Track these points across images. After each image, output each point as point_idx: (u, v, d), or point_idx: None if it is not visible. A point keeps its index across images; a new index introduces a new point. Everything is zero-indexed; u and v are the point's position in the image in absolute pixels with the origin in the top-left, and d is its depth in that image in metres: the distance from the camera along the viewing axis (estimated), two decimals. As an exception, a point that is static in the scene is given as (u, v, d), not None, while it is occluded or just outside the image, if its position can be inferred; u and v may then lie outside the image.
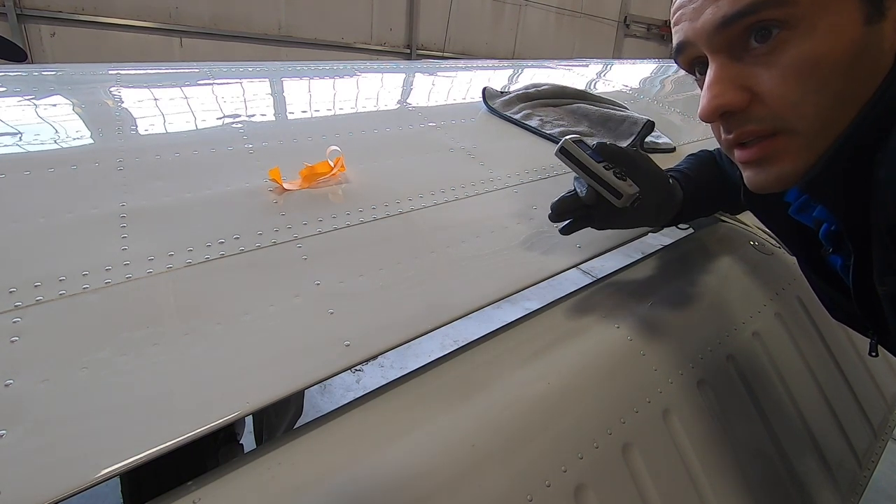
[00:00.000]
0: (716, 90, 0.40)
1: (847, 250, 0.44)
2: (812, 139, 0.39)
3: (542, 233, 0.70)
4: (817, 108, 0.37)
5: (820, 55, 0.36)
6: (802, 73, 0.36)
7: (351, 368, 0.46)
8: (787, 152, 0.40)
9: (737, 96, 0.39)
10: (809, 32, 0.36)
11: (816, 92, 0.37)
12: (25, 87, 0.94)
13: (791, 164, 0.40)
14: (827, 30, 0.35)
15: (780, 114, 0.38)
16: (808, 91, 0.37)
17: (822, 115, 0.37)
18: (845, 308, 0.50)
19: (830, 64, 0.36)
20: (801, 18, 0.36)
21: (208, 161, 0.73)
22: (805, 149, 0.39)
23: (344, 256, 0.59)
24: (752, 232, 0.87)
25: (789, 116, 0.38)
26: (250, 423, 1.22)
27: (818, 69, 0.36)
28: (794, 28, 0.36)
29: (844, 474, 0.71)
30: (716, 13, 0.38)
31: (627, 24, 7.72)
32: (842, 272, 0.48)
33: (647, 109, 1.26)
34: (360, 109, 1.03)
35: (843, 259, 0.48)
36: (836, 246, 0.47)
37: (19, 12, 3.64)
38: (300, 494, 0.40)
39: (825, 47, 0.35)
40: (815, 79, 0.36)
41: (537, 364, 0.56)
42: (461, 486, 0.44)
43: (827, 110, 0.37)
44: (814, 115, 0.37)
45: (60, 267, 0.50)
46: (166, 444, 0.37)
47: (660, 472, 0.54)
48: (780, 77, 0.37)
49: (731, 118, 0.41)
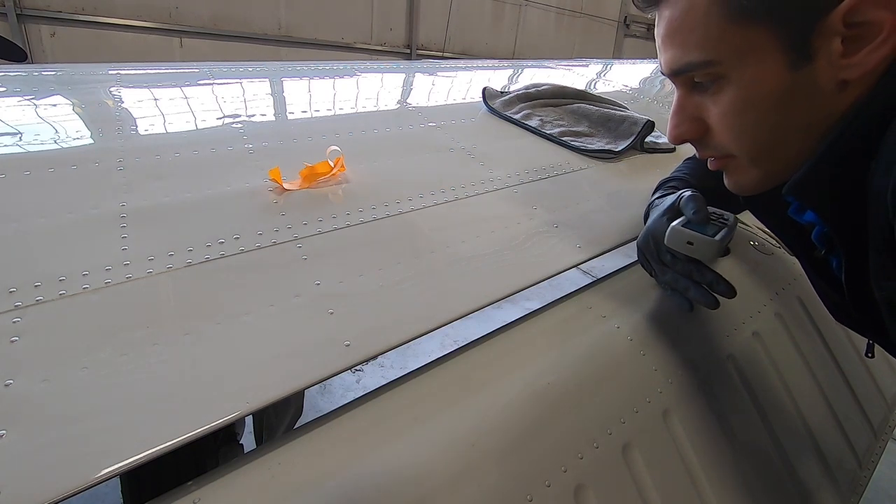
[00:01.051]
0: (675, 121, 0.47)
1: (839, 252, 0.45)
2: (754, 162, 0.45)
3: (542, 233, 0.70)
4: (753, 141, 0.44)
5: (749, 100, 0.42)
6: (737, 113, 0.43)
7: (351, 368, 0.46)
8: (736, 169, 0.48)
9: (692, 128, 0.47)
10: (737, 82, 0.41)
11: (752, 127, 0.43)
12: (25, 87, 0.94)
13: (742, 177, 0.48)
14: (752, 80, 0.41)
15: (723, 144, 0.46)
16: (745, 127, 0.43)
17: (758, 145, 0.44)
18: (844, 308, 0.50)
19: (760, 105, 0.41)
20: (728, 73, 0.41)
21: (208, 161, 0.73)
22: (750, 167, 0.46)
23: (344, 256, 0.59)
24: (752, 232, 0.87)
25: (731, 147, 0.46)
26: (250, 423, 1.22)
27: (749, 110, 0.42)
28: (724, 79, 0.42)
29: (844, 474, 0.71)
30: (666, 63, 0.45)
31: (627, 24, 7.71)
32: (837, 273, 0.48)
33: (647, 109, 1.26)
34: (360, 109, 1.03)
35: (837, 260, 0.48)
36: (829, 248, 0.49)
37: (19, 12, 3.64)
38: (300, 494, 0.40)
39: (752, 93, 0.41)
40: (749, 117, 0.42)
41: (537, 364, 0.56)
42: (461, 486, 0.44)
43: (763, 141, 0.43)
44: (750, 145, 0.44)
45: (60, 267, 0.50)
46: (166, 444, 0.37)
47: (660, 472, 0.54)
48: (721, 115, 0.44)
49: (694, 142, 0.49)
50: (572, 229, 0.71)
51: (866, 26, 0.36)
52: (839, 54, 0.37)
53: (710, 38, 0.41)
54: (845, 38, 0.37)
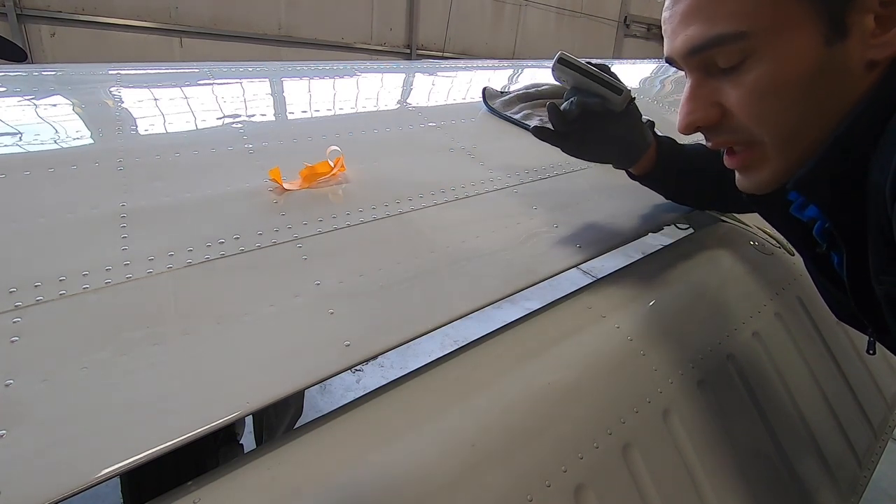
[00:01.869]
0: (689, 107, 0.44)
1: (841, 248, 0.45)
2: (780, 149, 0.42)
3: (542, 233, 0.70)
4: (780, 124, 0.41)
5: (778, 78, 0.39)
6: (764, 93, 0.40)
7: (351, 368, 0.46)
8: (763, 160, 0.44)
9: (708, 113, 0.44)
10: (767, 58, 0.39)
11: (778, 110, 0.40)
12: (25, 87, 0.94)
13: (766, 171, 0.44)
14: (784, 55, 0.38)
15: (748, 129, 0.42)
16: (770, 109, 0.40)
17: (785, 129, 0.41)
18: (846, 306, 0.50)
19: (789, 85, 0.39)
20: (759, 47, 0.39)
21: (208, 161, 0.73)
22: (775, 158, 0.43)
23: (344, 256, 0.59)
24: (752, 232, 0.87)
25: (756, 130, 0.42)
26: (250, 423, 1.22)
27: (778, 90, 0.39)
28: (753, 55, 0.39)
29: (844, 474, 0.71)
30: (685, 42, 0.42)
31: (627, 24, 7.71)
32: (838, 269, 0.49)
33: (647, 109, 1.26)
34: (360, 109, 1.03)
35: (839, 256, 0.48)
36: (830, 243, 0.48)
37: (19, 12, 3.64)
38: (300, 494, 0.40)
39: (783, 70, 0.38)
40: (776, 98, 0.40)
41: (537, 364, 0.56)
42: (461, 486, 0.44)
43: (790, 125, 0.41)
44: (777, 129, 0.41)
45: (60, 267, 0.50)
46: (166, 444, 0.37)
47: (660, 472, 0.54)
48: (745, 96, 0.41)
49: (707, 130, 0.46)
50: (572, 229, 0.71)
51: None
52: (871, 32, 0.36)
53: (743, 9, 0.38)
54: (878, 16, 0.36)
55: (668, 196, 0.78)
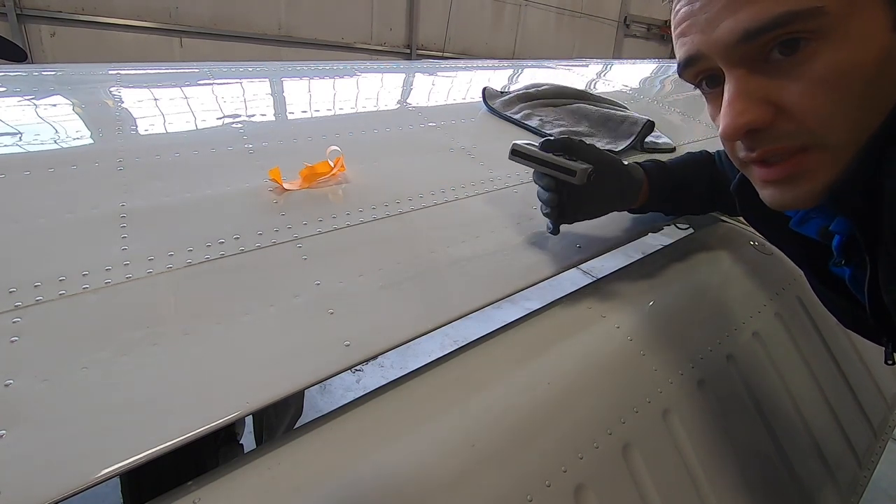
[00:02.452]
0: (739, 106, 0.37)
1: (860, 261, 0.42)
2: (841, 152, 0.37)
3: (542, 233, 0.70)
4: (847, 120, 0.35)
5: (851, 65, 0.34)
6: (833, 85, 0.35)
7: (351, 368, 0.46)
8: (819, 168, 0.38)
9: (762, 112, 0.37)
10: (840, 42, 0.34)
11: (847, 103, 0.35)
12: (25, 87, 0.94)
13: (821, 179, 0.38)
14: (857, 38, 0.33)
15: (810, 128, 0.36)
16: (839, 103, 0.35)
17: (851, 127, 0.36)
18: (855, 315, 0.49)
19: (860, 73, 0.34)
20: (832, 28, 0.34)
21: (208, 161, 0.74)
22: (834, 163, 0.37)
23: (344, 256, 0.59)
24: (752, 232, 0.87)
25: (821, 131, 0.36)
26: (250, 423, 1.22)
27: (849, 79, 0.34)
28: (823, 39, 0.34)
29: (844, 474, 0.71)
30: (735, 26, 0.36)
31: (627, 24, 7.72)
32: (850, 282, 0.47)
33: (647, 109, 1.26)
34: (360, 109, 1.03)
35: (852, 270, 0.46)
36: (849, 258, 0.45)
37: (19, 12, 3.64)
38: (300, 494, 0.40)
39: (856, 56, 0.34)
40: (846, 89, 0.35)
41: (537, 364, 0.56)
42: (461, 486, 0.44)
43: (856, 121, 0.36)
44: (844, 127, 0.36)
45: (60, 267, 0.50)
46: (166, 444, 0.37)
47: (660, 472, 0.54)
48: (809, 89, 0.35)
49: (755, 135, 0.38)
50: (572, 229, 0.71)
51: None
52: None
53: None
54: None
55: (668, 213, 0.77)
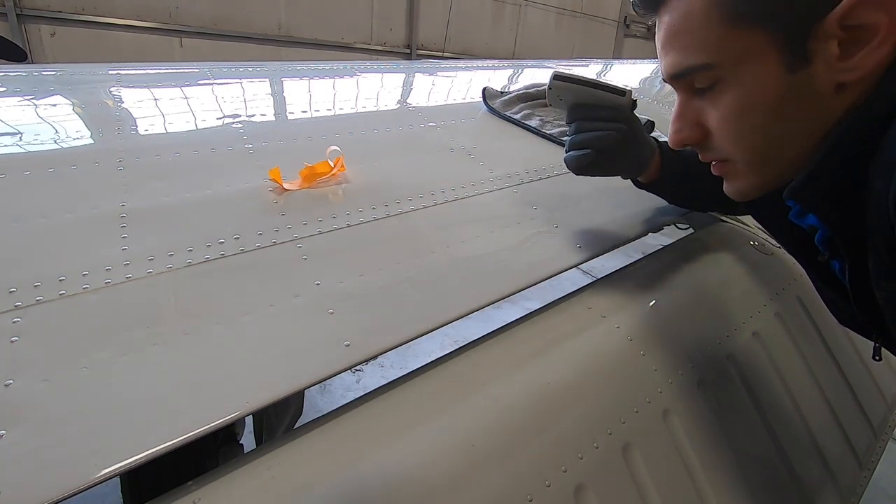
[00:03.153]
0: (676, 126, 0.48)
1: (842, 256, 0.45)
2: (754, 167, 0.46)
3: (542, 233, 0.70)
4: (753, 144, 0.44)
5: (746, 103, 0.42)
6: (735, 119, 0.43)
7: (351, 368, 0.46)
8: (738, 174, 0.47)
9: (693, 132, 0.47)
10: (737, 86, 0.42)
11: (750, 131, 0.43)
12: (25, 87, 0.94)
13: (743, 182, 0.48)
14: (750, 83, 0.41)
15: (724, 148, 0.46)
16: (743, 131, 0.43)
17: (758, 150, 0.44)
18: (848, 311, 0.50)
19: (758, 109, 0.41)
20: (726, 76, 0.42)
21: (208, 161, 0.73)
22: (751, 173, 0.46)
23: (344, 256, 0.59)
24: (752, 232, 0.87)
25: (730, 152, 0.46)
26: (250, 423, 1.22)
27: (747, 114, 0.42)
28: (724, 83, 0.42)
29: (844, 474, 0.71)
30: (666, 68, 0.45)
31: (627, 24, 7.72)
32: (840, 276, 0.49)
33: (647, 109, 1.26)
34: (360, 109, 1.03)
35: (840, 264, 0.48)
36: (832, 252, 0.48)
37: (19, 12, 3.64)
38: (300, 494, 0.40)
39: (750, 97, 0.41)
40: (747, 121, 0.43)
41: (537, 364, 0.56)
42: (461, 486, 0.44)
43: (762, 145, 0.44)
44: (750, 150, 0.44)
45: (60, 267, 0.50)
46: (166, 444, 0.37)
47: (660, 472, 0.54)
48: (720, 118, 0.44)
49: (695, 147, 0.49)
50: (572, 229, 0.71)
51: (863, 29, 0.36)
52: (836, 57, 0.37)
53: (708, 42, 0.41)
54: (842, 41, 0.37)
55: (671, 201, 0.78)
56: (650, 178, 0.71)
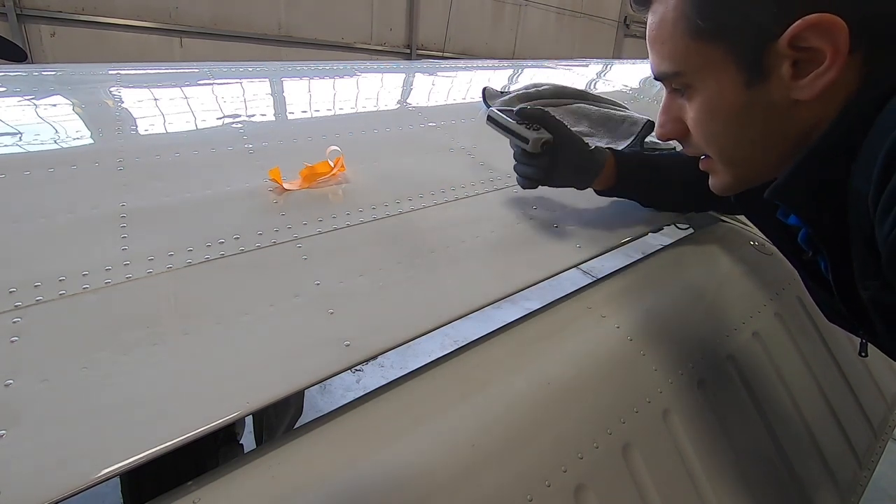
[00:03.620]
0: (661, 119, 0.51)
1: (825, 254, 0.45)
2: (726, 166, 0.49)
3: (542, 233, 0.70)
4: (721, 147, 0.47)
5: (711, 110, 0.45)
6: (705, 120, 0.46)
7: (351, 368, 0.46)
8: (717, 171, 0.50)
9: (675, 128, 0.50)
10: (703, 92, 0.45)
11: (717, 135, 0.46)
12: (25, 87, 0.94)
13: (720, 179, 0.50)
14: (713, 93, 0.44)
15: (699, 145, 0.49)
16: (711, 134, 0.47)
17: (727, 151, 0.47)
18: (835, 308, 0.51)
19: (722, 116, 0.44)
20: (694, 83, 0.45)
21: (208, 161, 0.74)
22: (723, 171, 0.49)
23: (344, 256, 0.59)
24: (752, 232, 0.87)
25: (704, 148, 0.49)
26: (250, 423, 1.22)
27: (713, 119, 0.45)
28: (694, 88, 0.45)
29: (844, 474, 0.71)
30: (652, 69, 0.49)
31: (627, 24, 7.71)
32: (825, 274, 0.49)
33: (647, 109, 1.26)
34: (360, 109, 1.03)
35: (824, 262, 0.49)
36: (815, 250, 0.50)
37: (19, 12, 3.64)
38: (300, 494, 0.40)
39: (714, 104, 0.44)
40: (713, 126, 0.46)
41: (537, 364, 0.56)
42: (461, 486, 0.44)
43: (729, 148, 0.47)
44: (719, 151, 0.48)
45: (60, 267, 0.50)
46: (166, 444, 0.37)
47: (660, 472, 0.54)
48: (693, 119, 0.47)
49: (678, 141, 0.52)
50: (572, 229, 0.71)
51: (812, 52, 0.37)
52: (789, 76, 0.39)
53: (676, 52, 0.44)
54: (796, 61, 0.39)
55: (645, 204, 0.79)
56: (606, 185, 0.73)
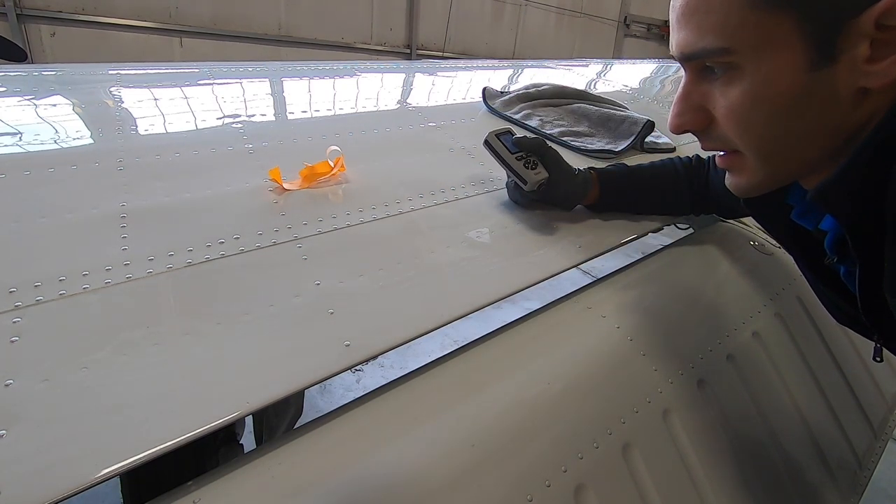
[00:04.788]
0: (679, 108, 0.44)
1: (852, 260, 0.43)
2: (761, 163, 0.43)
3: (542, 233, 0.70)
4: (761, 140, 0.41)
5: (760, 97, 0.39)
6: (746, 109, 0.40)
7: (351, 368, 0.46)
8: (745, 169, 0.44)
9: (696, 118, 0.44)
10: (751, 76, 0.38)
11: (759, 126, 0.40)
12: (25, 87, 0.94)
13: (746, 178, 0.45)
14: (765, 75, 0.38)
15: (728, 139, 0.43)
16: (751, 124, 0.40)
17: (766, 145, 0.41)
18: (848, 312, 0.50)
19: (770, 104, 0.38)
20: (742, 64, 0.38)
21: (208, 161, 0.74)
22: (756, 169, 0.43)
23: (344, 256, 0.59)
24: (752, 232, 0.87)
25: (737, 142, 0.42)
26: (250, 423, 1.22)
27: (759, 108, 0.39)
28: (739, 70, 0.39)
29: (844, 474, 0.71)
30: (679, 47, 0.42)
31: (627, 24, 7.71)
32: (845, 279, 0.48)
33: (647, 109, 1.26)
34: (360, 109, 1.03)
35: (846, 267, 0.47)
36: (841, 255, 0.47)
37: (19, 12, 3.63)
38: (300, 494, 0.40)
39: (764, 90, 0.38)
40: (757, 115, 0.39)
41: (537, 364, 0.56)
42: (461, 486, 0.44)
43: (771, 141, 0.41)
44: (757, 145, 0.41)
45: (60, 267, 0.50)
46: (166, 444, 0.37)
47: (660, 472, 0.54)
48: (729, 108, 0.41)
49: (698, 133, 0.45)
50: (572, 229, 0.71)
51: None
52: (864, 59, 0.35)
53: (728, 24, 0.37)
54: (874, 42, 0.34)
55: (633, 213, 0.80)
56: (589, 203, 0.76)
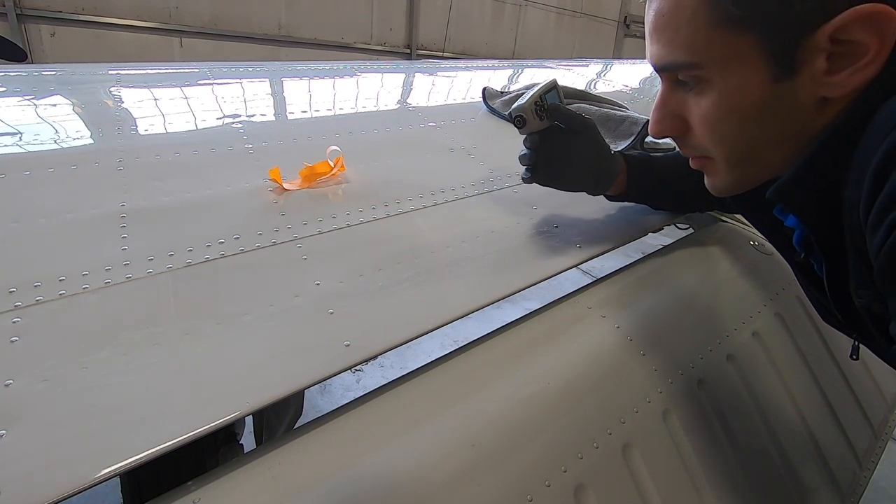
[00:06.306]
0: (657, 116, 0.47)
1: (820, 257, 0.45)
2: (730, 167, 0.46)
3: (542, 233, 0.70)
4: (731, 146, 0.44)
5: (728, 107, 0.41)
6: (716, 118, 0.43)
7: (351, 368, 0.46)
8: (713, 171, 0.48)
9: (674, 125, 0.47)
10: (720, 87, 0.41)
11: (729, 134, 0.43)
12: (25, 87, 0.94)
13: (718, 179, 0.48)
14: (732, 87, 0.40)
15: (702, 146, 0.46)
16: (723, 133, 0.43)
17: (735, 151, 0.44)
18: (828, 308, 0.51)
19: (739, 114, 0.41)
20: (711, 77, 0.41)
21: (208, 161, 0.74)
22: (725, 172, 0.46)
23: (344, 256, 0.59)
24: (752, 232, 0.87)
25: (709, 149, 0.46)
26: (250, 423, 1.22)
27: (728, 117, 0.42)
28: (708, 83, 0.42)
29: (844, 474, 0.71)
30: (652, 59, 0.45)
31: (627, 24, 7.71)
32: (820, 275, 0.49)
33: (647, 109, 1.26)
34: (360, 109, 1.03)
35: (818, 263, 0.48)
36: (808, 252, 0.49)
37: (19, 12, 3.64)
38: (300, 494, 0.40)
39: (732, 101, 0.41)
40: (727, 124, 0.42)
41: (537, 364, 0.56)
42: (461, 486, 0.44)
43: (740, 148, 0.44)
44: (727, 151, 0.44)
45: (60, 267, 0.50)
46: (166, 444, 0.37)
47: (660, 472, 0.54)
48: (701, 117, 0.44)
49: (675, 139, 0.49)
50: (572, 229, 0.71)
51: (853, 45, 0.35)
52: (823, 71, 0.37)
53: (695, 41, 0.40)
54: (830, 55, 0.36)
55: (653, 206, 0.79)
56: (617, 191, 0.73)
